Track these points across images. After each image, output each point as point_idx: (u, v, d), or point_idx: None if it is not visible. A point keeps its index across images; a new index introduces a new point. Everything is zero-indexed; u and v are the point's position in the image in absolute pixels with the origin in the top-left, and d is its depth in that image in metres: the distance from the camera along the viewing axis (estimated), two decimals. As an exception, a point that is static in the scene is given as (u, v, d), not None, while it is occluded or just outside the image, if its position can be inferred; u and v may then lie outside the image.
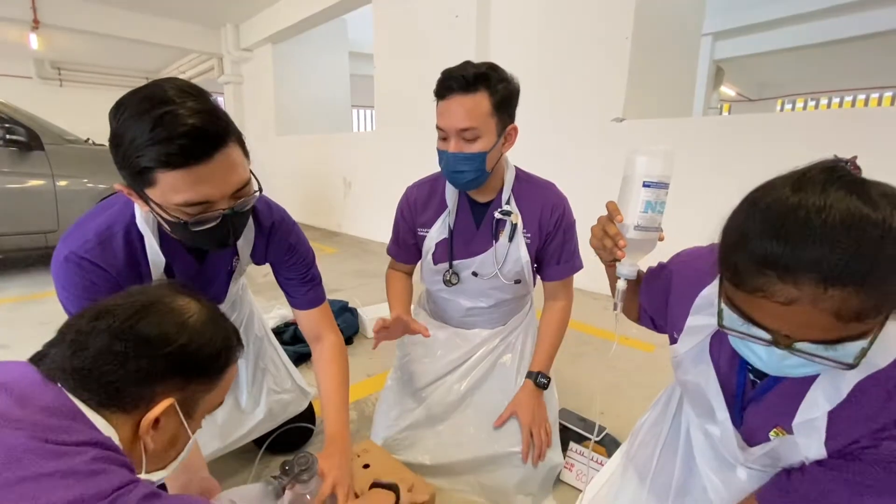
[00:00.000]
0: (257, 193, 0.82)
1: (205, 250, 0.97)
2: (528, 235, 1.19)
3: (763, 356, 0.54)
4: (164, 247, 0.88)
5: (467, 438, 1.20)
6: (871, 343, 0.47)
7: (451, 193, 1.21)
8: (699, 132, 2.58)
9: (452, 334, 1.32)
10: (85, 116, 8.42)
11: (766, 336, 0.51)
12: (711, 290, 0.69)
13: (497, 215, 1.17)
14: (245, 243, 1.01)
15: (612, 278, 0.85)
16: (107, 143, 0.70)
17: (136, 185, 0.72)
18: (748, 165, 2.33)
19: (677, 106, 3.18)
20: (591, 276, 1.39)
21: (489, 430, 1.20)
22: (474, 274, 1.22)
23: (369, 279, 3.32)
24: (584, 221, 1.14)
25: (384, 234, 1.32)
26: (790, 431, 0.63)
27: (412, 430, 1.22)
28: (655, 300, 0.84)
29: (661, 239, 0.74)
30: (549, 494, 1.18)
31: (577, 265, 1.25)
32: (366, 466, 1.07)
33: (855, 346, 0.47)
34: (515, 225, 1.17)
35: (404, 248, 1.30)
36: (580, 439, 1.23)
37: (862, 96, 9.93)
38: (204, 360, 0.60)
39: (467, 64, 1.04)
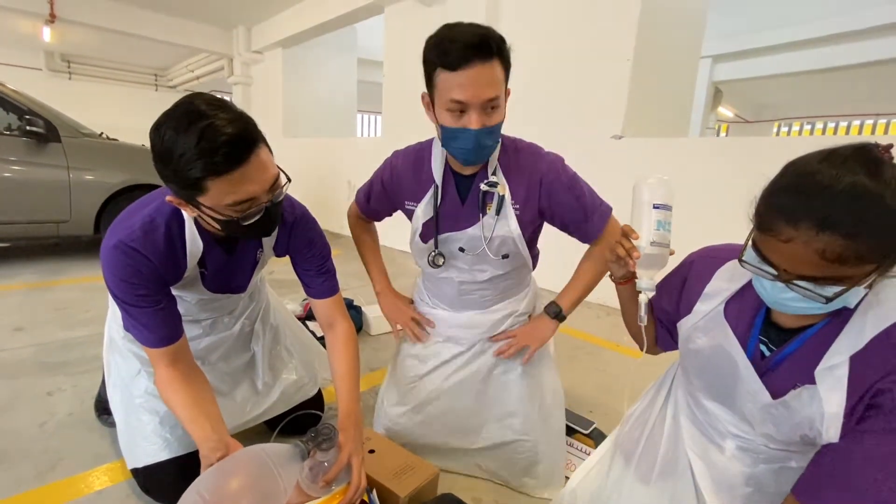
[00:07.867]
0: (288, 184, 0.92)
1: (233, 244, 1.07)
2: (517, 207, 1.11)
3: (768, 288, 0.66)
4: (200, 240, 0.98)
5: (471, 426, 1.25)
6: (850, 287, 0.59)
7: (438, 168, 1.13)
8: (694, 152, 2.70)
9: (451, 325, 1.28)
10: (93, 110, 8.55)
11: (772, 271, 0.63)
12: (733, 262, 0.81)
13: (483, 187, 1.09)
14: (269, 237, 1.10)
15: (623, 296, 0.95)
16: (119, 139, 0.79)
17: (189, 194, 0.82)
18: (739, 187, 2.41)
19: (675, 125, 3.30)
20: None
21: (494, 419, 1.24)
22: (461, 250, 1.17)
23: (371, 280, 3.40)
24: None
25: (387, 240, 1.37)
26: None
27: (414, 417, 1.27)
28: (671, 296, 0.91)
29: (671, 253, 0.84)
30: (556, 482, 1.22)
31: (606, 210, 1.13)
32: (371, 451, 1.16)
33: (837, 288, 0.59)
34: (503, 197, 1.09)
35: (374, 209, 1.29)
36: (571, 432, 1.33)
37: (857, 122, 10.15)
38: None
39: (471, 28, 0.91)
